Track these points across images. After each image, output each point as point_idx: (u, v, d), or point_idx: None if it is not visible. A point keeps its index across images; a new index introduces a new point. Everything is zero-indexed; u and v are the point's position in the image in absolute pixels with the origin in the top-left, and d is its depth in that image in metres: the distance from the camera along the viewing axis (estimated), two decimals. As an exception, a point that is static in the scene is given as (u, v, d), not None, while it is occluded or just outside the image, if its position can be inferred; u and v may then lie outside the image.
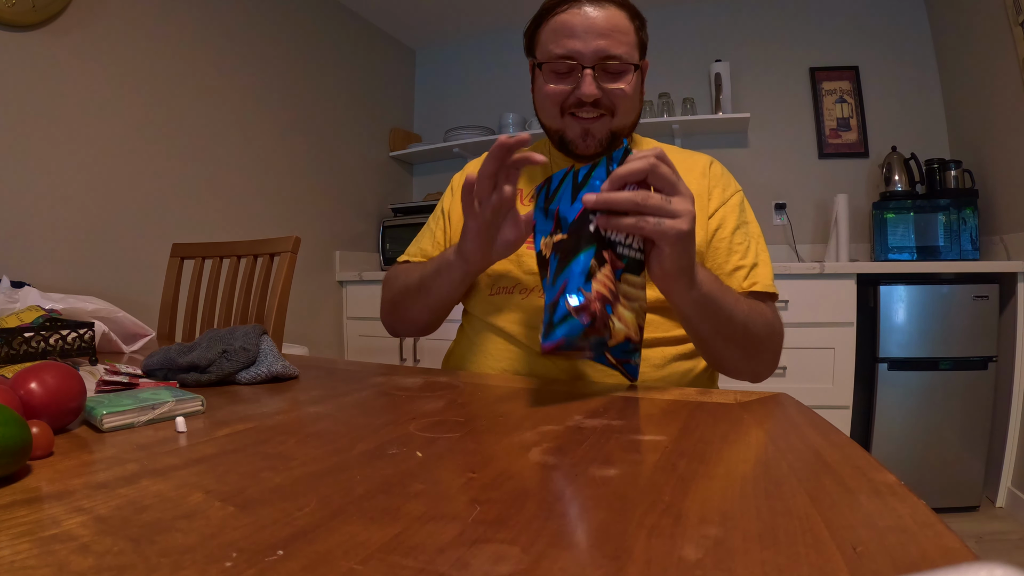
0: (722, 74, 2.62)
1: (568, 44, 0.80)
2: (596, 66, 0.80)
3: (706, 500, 0.32)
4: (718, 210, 0.86)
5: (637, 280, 0.61)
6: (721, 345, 0.74)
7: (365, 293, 2.77)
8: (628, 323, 0.59)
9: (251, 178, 2.35)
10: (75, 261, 1.71)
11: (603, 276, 0.57)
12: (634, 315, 0.60)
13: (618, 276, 0.59)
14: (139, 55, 1.90)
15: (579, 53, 0.80)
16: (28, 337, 0.78)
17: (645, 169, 0.59)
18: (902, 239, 2.22)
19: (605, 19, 0.79)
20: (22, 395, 0.44)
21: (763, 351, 0.79)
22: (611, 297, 0.57)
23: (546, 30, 0.84)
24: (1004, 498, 1.95)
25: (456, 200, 0.99)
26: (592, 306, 0.55)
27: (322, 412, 0.55)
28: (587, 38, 0.79)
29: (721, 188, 0.88)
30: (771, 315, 0.81)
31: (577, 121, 0.83)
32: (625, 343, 0.60)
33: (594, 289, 0.56)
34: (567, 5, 0.81)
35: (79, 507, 0.32)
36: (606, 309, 0.56)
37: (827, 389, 2.05)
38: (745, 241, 0.86)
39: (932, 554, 0.25)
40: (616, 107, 0.83)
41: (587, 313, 0.54)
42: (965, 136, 2.37)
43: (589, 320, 0.55)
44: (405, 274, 0.94)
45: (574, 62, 0.80)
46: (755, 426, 0.49)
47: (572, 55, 0.80)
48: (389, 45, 3.23)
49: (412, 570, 0.25)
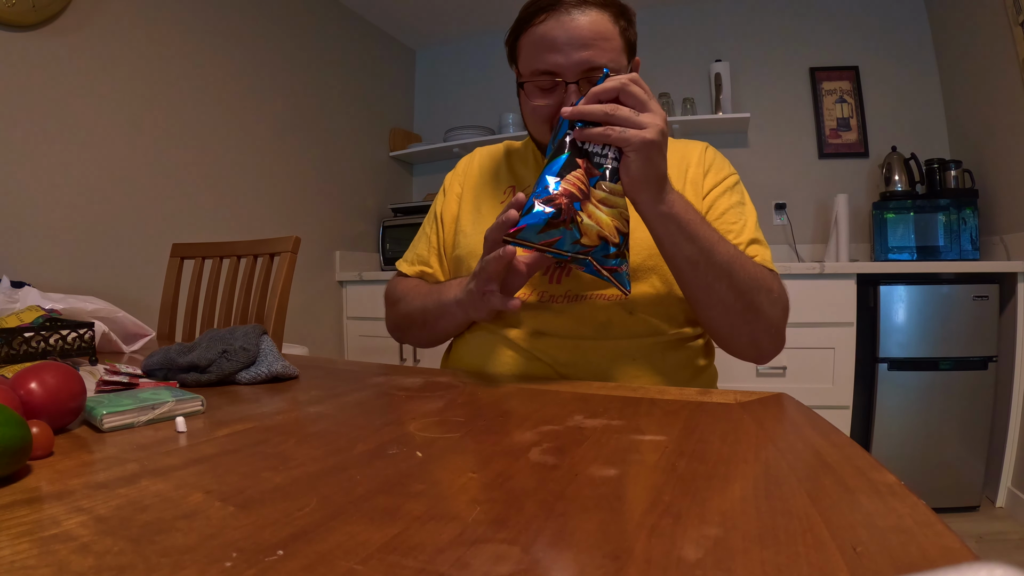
0: (722, 74, 2.62)
1: (549, 59, 0.76)
2: (580, 80, 0.76)
3: (706, 500, 0.32)
4: (712, 190, 0.86)
5: (616, 188, 0.65)
6: (706, 284, 0.72)
7: (365, 293, 2.77)
8: (602, 223, 0.62)
9: (251, 178, 2.35)
10: (75, 261, 1.71)
11: (574, 177, 0.62)
12: (610, 218, 0.63)
13: (593, 183, 0.63)
14: (139, 55, 1.90)
15: (561, 67, 0.76)
16: (28, 337, 0.78)
17: (617, 88, 0.64)
18: (902, 239, 2.22)
19: (588, 27, 0.75)
20: (22, 395, 0.44)
21: (758, 308, 0.74)
22: (580, 195, 0.61)
23: (527, 42, 0.80)
24: (1004, 498, 1.95)
25: (448, 202, 0.99)
26: (558, 200, 0.60)
27: (322, 412, 0.55)
28: (569, 51, 0.75)
29: (716, 170, 0.88)
30: (767, 273, 0.77)
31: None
32: (603, 246, 0.63)
33: (562, 187, 0.61)
34: (545, 15, 0.76)
35: (79, 507, 0.32)
36: (573, 205, 0.61)
37: (827, 389, 2.05)
38: (740, 220, 0.84)
39: (932, 554, 0.25)
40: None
41: (552, 204, 0.60)
42: (965, 136, 2.37)
43: (553, 211, 0.59)
44: (406, 297, 0.94)
45: (558, 78, 0.77)
46: (755, 426, 0.49)
47: (554, 70, 0.76)
48: (389, 45, 3.23)
49: (412, 570, 0.25)
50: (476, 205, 0.94)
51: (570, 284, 0.82)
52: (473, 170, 0.99)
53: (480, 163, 0.99)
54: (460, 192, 0.98)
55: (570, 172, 0.62)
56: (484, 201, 0.93)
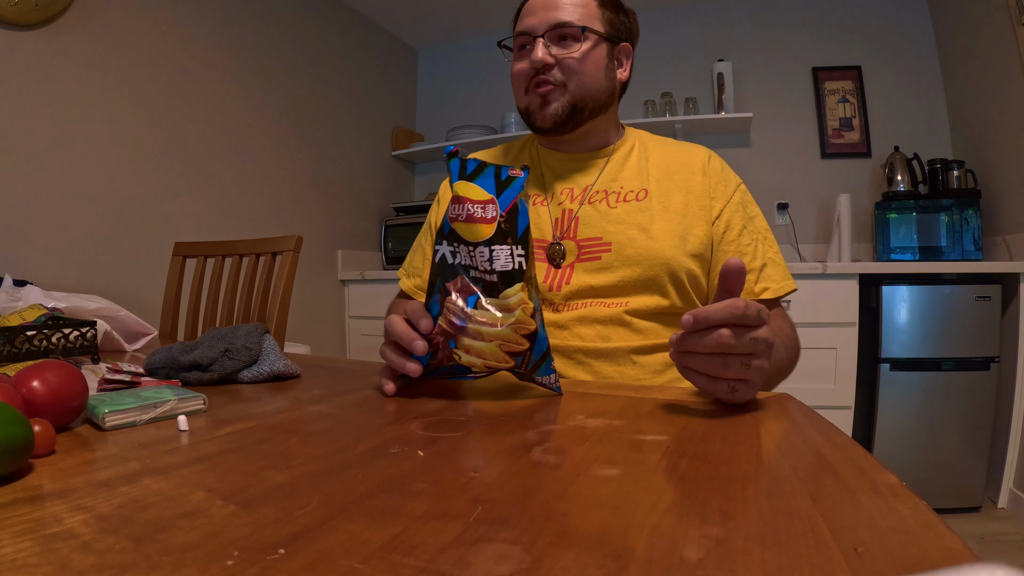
0: (724, 74, 2.61)
1: (525, 22, 0.84)
2: (546, 34, 0.82)
3: (708, 500, 0.32)
4: (723, 211, 0.85)
5: (504, 299, 0.58)
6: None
7: (367, 292, 2.77)
8: (486, 353, 0.57)
9: (253, 177, 2.35)
10: (77, 260, 1.72)
11: (447, 310, 0.58)
12: (495, 343, 0.57)
13: (472, 303, 0.57)
14: (142, 53, 1.90)
15: (533, 27, 0.83)
16: (30, 336, 0.78)
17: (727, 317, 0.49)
18: (904, 239, 2.22)
19: None
20: (24, 393, 0.44)
21: (786, 370, 0.82)
22: (453, 331, 0.57)
23: (518, 21, 0.88)
24: (1006, 499, 1.94)
25: (443, 213, 0.97)
26: (434, 340, 0.58)
27: (324, 411, 0.55)
28: (542, 13, 0.82)
29: (723, 186, 0.87)
30: (789, 331, 0.82)
31: (536, 94, 0.84)
32: (511, 368, 0.58)
33: (438, 324, 0.58)
34: None
35: (81, 505, 0.32)
36: (448, 343, 0.57)
37: (829, 389, 2.04)
38: (752, 242, 0.85)
39: (934, 555, 0.25)
40: (567, 78, 0.82)
41: (431, 346, 0.58)
42: (968, 136, 2.37)
43: (430, 352, 0.58)
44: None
45: (528, 36, 0.83)
46: (757, 426, 0.49)
47: (528, 30, 0.83)
48: (392, 44, 3.23)
49: (413, 569, 0.25)
50: None
51: (569, 291, 0.82)
52: None
53: None
54: None
55: (446, 302, 0.58)
56: None
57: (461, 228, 0.58)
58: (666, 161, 0.88)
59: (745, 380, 0.51)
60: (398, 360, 0.59)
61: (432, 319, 0.58)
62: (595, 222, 0.84)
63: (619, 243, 0.82)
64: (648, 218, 0.83)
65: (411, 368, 0.58)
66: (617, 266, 0.81)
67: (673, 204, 0.84)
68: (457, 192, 0.59)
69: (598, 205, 0.85)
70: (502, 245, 0.57)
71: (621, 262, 0.81)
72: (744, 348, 0.49)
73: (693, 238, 0.83)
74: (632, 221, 0.83)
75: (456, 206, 0.58)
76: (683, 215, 0.84)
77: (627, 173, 0.88)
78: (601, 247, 0.82)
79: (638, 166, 0.88)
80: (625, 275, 0.81)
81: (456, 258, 0.59)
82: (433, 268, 0.59)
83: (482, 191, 0.58)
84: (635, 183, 0.86)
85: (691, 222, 0.83)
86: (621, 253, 0.81)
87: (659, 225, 0.82)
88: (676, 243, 0.81)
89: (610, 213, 0.84)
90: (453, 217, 0.58)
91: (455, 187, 0.59)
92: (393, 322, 0.60)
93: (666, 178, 0.86)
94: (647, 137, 0.94)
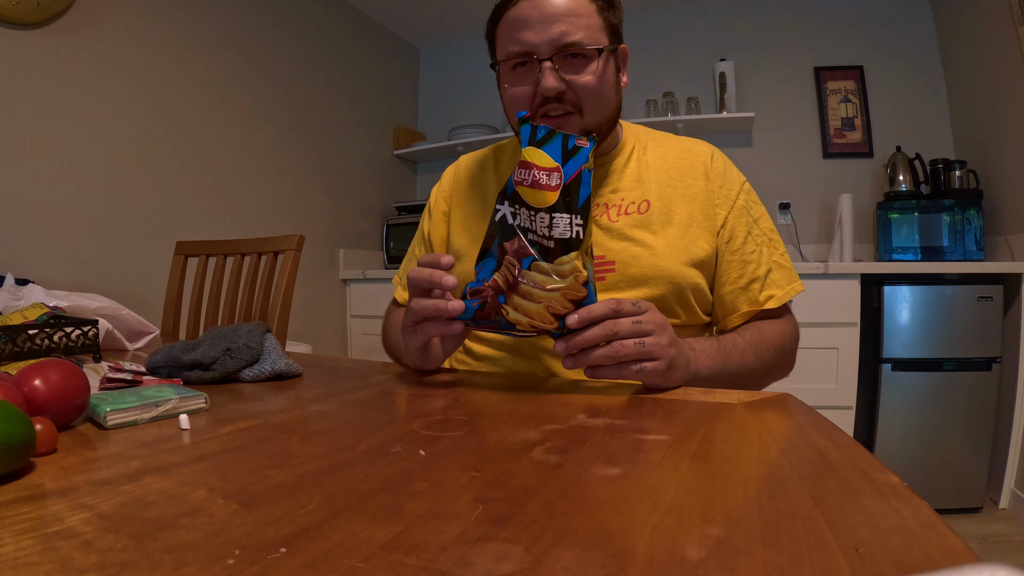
0: (726, 73, 2.61)
1: (522, 37, 0.73)
2: (555, 56, 0.72)
3: (709, 500, 0.32)
4: (727, 219, 0.83)
5: (560, 265, 0.60)
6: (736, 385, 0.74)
7: (369, 291, 2.77)
8: (531, 313, 0.60)
9: (255, 176, 2.35)
10: (79, 259, 1.72)
11: (504, 267, 0.61)
12: (543, 305, 0.60)
13: (527, 264, 0.60)
14: (143, 53, 1.91)
15: (534, 45, 0.72)
16: (32, 334, 0.78)
17: (606, 312, 0.60)
18: (906, 239, 2.21)
19: (561, 3, 0.72)
20: (26, 392, 0.44)
21: (776, 372, 0.81)
22: (504, 287, 0.61)
23: (502, 28, 0.77)
24: (1007, 500, 1.94)
25: (435, 222, 0.96)
26: (484, 292, 0.61)
27: (325, 410, 0.55)
28: (540, 28, 0.72)
29: (726, 190, 0.84)
30: (780, 338, 0.81)
31: (547, 122, 0.75)
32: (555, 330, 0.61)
33: (493, 278, 0.61)
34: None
35: (82, 504, 0.32)
36: (498, 298, 0.61)
37: (830, 389, 2.04)
38: (757, 248, 0.83)
39: (935, 555, 0.25)
40: (583, 103, 0.74)
41: (479, 297, 0.61)
42: (970, 136, 2.36)
43: (479, 304, 0.61)
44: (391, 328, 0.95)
45: (532, 56, 0.73)
46: (758, 426, 0.49)
47: (528, 48, 0.73)
48: (393, 43, 3.23)
49: (414, 568, 0.25)
50: (466, 226, 0.90)
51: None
52: (460, 183, 0.95)
53: (467, 172, 0.95)
54: (447, 210, 0.95)
55: (504, 259, 0.61)
56: (472, 218, 0.90)
57: (525, 192, 0.60)
58: (667, 164, 0.85)
59: (652, 359, 0.60)
60: (437, 304, 0.61)
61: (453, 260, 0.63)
62: (597, 239, 0.81)
63: (623, 262, 0.79)
64: (651, 233, 0.80)
65: (454, 306, 0.60)
66: (623, 287, 0.79)
67: (676, 216, 0.81)
68: (525, 157, 0.61)
69: (599, 220, 0.82)
70: (563, 213, 0.59)
71: (626, 283, 0.79)
72: (631, 331, 0.59)
73: (697, 249, 0.80)
74: (634, 237, 0.80)
75: (523, 171, 0.60)
76: (687, 227, 0.81)
77: (626, 183, 0.84)
78: (605, 267, 0.80)
79: (637, 172, 0.85)
80: (631, 296, 0.77)
81: (516, 219, 0.61)
82: (492, 227, 0.62)
83: (549, 158, 0.60)
84: (635, 193, 0.83)
85: (695, 233, 0.81)
86: (626, 273, 0.79)
87: (662, 240, 0.80)
88: (680, 256, 0.79)
89: (611, 228, 0.81)
90: (519, 181, 0.61)
91: (524, 152, 0.61)
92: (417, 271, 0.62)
93: (668, 185, 0.83)
94: (645, 136, 0.90)
